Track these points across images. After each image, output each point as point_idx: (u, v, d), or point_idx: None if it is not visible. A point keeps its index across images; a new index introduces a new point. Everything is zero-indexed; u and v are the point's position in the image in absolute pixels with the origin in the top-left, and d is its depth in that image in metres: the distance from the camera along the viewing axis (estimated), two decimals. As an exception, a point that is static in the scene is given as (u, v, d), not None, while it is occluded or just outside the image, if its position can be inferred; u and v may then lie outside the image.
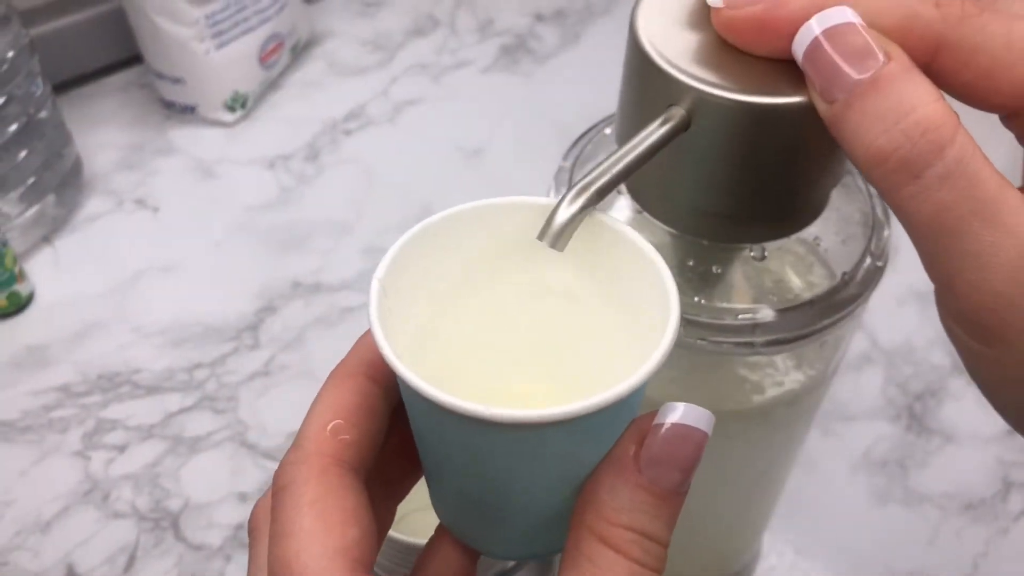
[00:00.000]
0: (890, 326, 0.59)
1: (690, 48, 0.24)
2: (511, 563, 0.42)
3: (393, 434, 0.25)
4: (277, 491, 0.22)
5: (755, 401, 0.34)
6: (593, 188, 0.23)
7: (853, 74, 0.20)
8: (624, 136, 0.27)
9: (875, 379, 0.57)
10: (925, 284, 0.22)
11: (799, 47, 0.21)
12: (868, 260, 0.31)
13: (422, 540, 0.28)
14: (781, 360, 0.34)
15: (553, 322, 0.26)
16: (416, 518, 0.44)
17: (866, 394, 0.56)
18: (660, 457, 0.21)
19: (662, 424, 0.21)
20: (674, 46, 0.24)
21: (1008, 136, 0.23)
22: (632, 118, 0.26)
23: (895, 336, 0.58)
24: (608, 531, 0.21)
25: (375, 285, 0.23)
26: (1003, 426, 0.56)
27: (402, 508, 0.30)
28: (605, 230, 0.24)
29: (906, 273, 0.62)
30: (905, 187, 0.20)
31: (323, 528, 0.21)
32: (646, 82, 0.25)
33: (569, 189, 0.23)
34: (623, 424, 0.22)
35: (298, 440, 0.23)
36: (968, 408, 0.55)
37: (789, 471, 0.42)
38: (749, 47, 0.23)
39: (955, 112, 0.20)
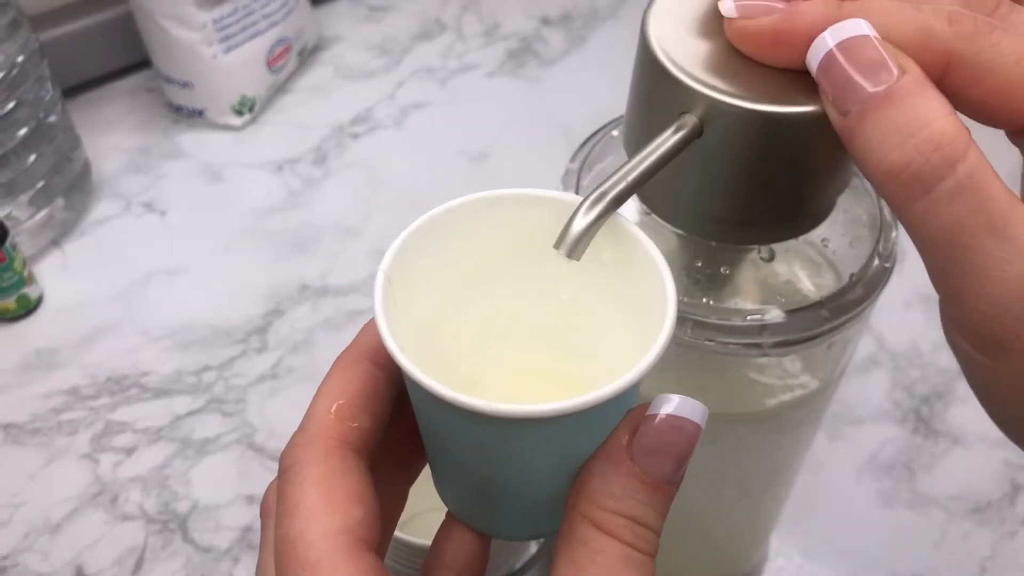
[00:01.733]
0: (897, 329, 0.59)
1: (702, 55, 0.24)
2: (518, 565, 0.42)
3: (401, 417, 0.25)
4: (283, 471, 0.23)
5: (763, 403, 0.34)
6: (609, 197, 0.23)
7: (867, 87, 0.20)
8: (634, 142, 0.27)
9: (882, 382, 0.57)
10: (932, 287, 0.22)
11: (813, 59, 0.22)
12: (876, 261, 0.31)
13: (428, 541, 0.28)
14: (789, 362, 0.34)
15: (557, 313, 0.26)
16: (424, 519, 0.44)
17: (873, 397, 0.56)
18: (652, 447, 0.22)
19: (655, 415, 0.22)
20: (686, 53, 0.24)
21: (1011, 150, 0.23)
22: (643, 124, 0.26)
23: (902, 339, 0.58)
24: (600, 516, 0.22)
25: (380, 276, 0.23)
26: (1010, 429, 0.56)
27: (410, 510, 0.30)
28: (612, 226, 0.24)
29: (913, 276, 0.62)
30: (916, 201, 0.20)
31: (327, 507, 0.21)
32: (658, 89, 0.25)
33: (586, 199, 0.23)
34: (618, 417, 0.22)
35: (304, 422, 0.23)
36: (975, 411, 0.55)
37: (796, 473, 0.42)
38: (763, 58, 0.23)
39: (967, 127, 0.20)
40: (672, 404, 0.22)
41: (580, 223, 0.23)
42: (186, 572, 0.49)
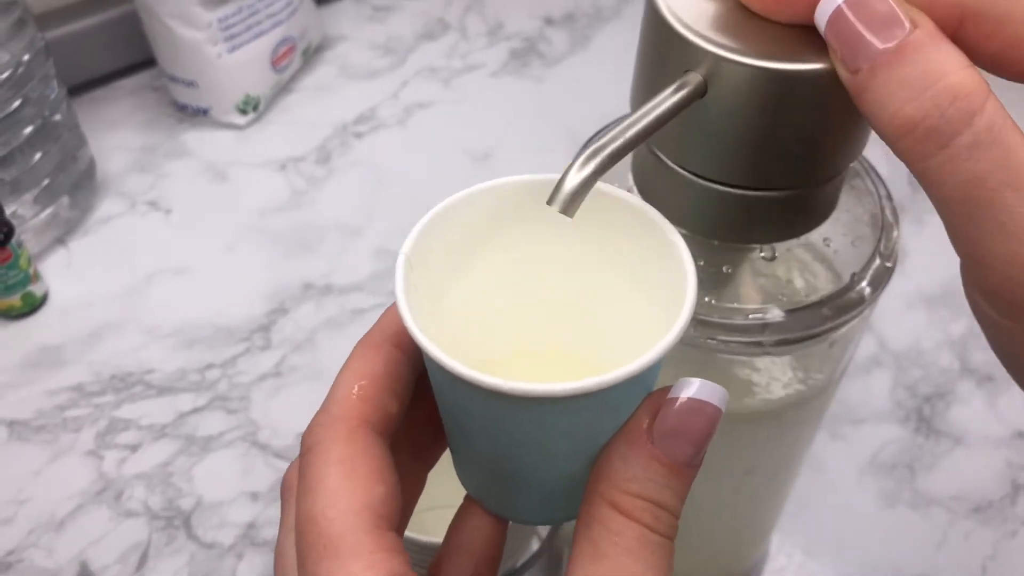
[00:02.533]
0: (899, 329, 0.59)
1: (708, 13, 0.24)
2: (520, 562, 0.42)
3: (422, 401, 0.25)
4: (305, 451, 0.23)
5: (764, 402, 0.34)
6: (604, 153, 0.23)
7: (877, 43, 0.20)
8: (639, 101, 0.26)
9: (884, 382, 0.57)
10: (934, 287, 0.22)
11: (821, 16, 0.21)
12: (877, 261, 0.31)
13: (438, 539, 0.28)
14: (790, 361, 0.35)
15: (578, 298, 0.26)
16: (430, 517, 0.44)
17: (875, 397, 0.56)
18: (673, 430, 0.21)
19: (676, 398, 0.22)
20: (692, 10, 0.24)
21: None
22: (648, 84, 0.26)
23: (904, 339, 0.59)
24: (620, 498, 0.21)
25: (401, 259, 0.23)
26: (1012, 429, 0.56)
27: (420, 504, 0.30)
28: (628, 208, 0.24)
29: (915, 276, 0.62)
30: (933, 157, 0.19)
31: (349, 485, 0.22)
32: (663, 46, 0.24)
33: (580, 154, 0.23)
34: (638, 399, 0.22)
35: (326, 404, 0.24)
36: (977, 411, 0.55)
37: (798, 472, 0.42)
38: (770, 14, 0.23)
39: (985, 80, 0.20)
40: (693, 387, 0.22)
41: (574, 179, 0.22)
42: (190, 568, 0.49)
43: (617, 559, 0.21)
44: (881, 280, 0.31)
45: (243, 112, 0.72)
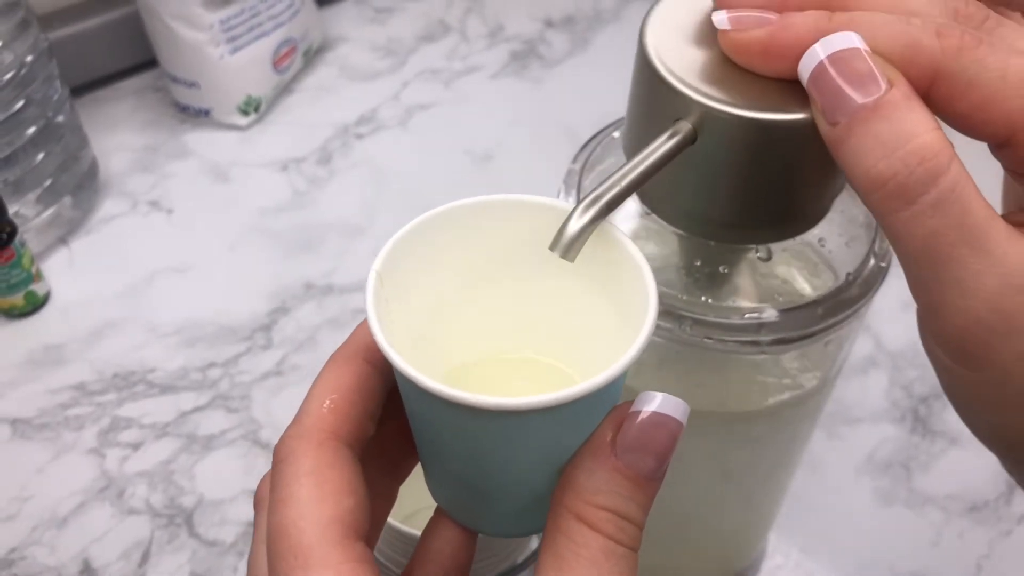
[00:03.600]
0: (895, 329, 0.59)
1: (698, 63, 0.25)
2: (520, 559, 0.42)
3: (393, 416, 0.26)
4: (277, 463, 0.23)
5: (760, 401, 0.35)
6: (603, 201, 0.24)
7: (856, 98, 0.21)
8: (632, 147, 0.27)
9: (880, 382, 0.57)
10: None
11: (804, 70, 0.22)
12: (872, 261, 0.31)
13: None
14: (786, 360, 0.35)
15: (548, 312, 0.27)
16: (427, 514, 0.44)
17: (871, 396, 0.57)
18: (636, 443, 0.22)
19: (639, 412, 0.22)
20: (682, 61, 0.25)
21: (993, 163, 0.24)
22: (640, 130, 0.27)
23: (900, 339, 0.59)
24: (584, 510, 0.22)
25: (372, 275, 0.24)
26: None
27: (414, 504, 0.30)
28: (600, 230, 0.25)
29: (912, 277, 0.62)
30: (899, 212, 0.21)
31: (319, 497, 0.22)
32: (654, 96, 0.25)
33: (579, 202, 0.24)
34: (602, 412, 0.23)
35: (298, 417, 0.24)
36: (972, 411, 0.56)
37: (794, 471, 0.43)
38: (755, 68, 0.24)
39: (950, 141, 0.21)
40: (655, 401, 0.22)
41: (575, 226, 0.24)
42: (191, 566, 0.50)
43: (581, 570, 0.22)
44: (875, 280, 0.31)
45: (245, 113, 0.73)
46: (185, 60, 0.70)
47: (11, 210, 0.59)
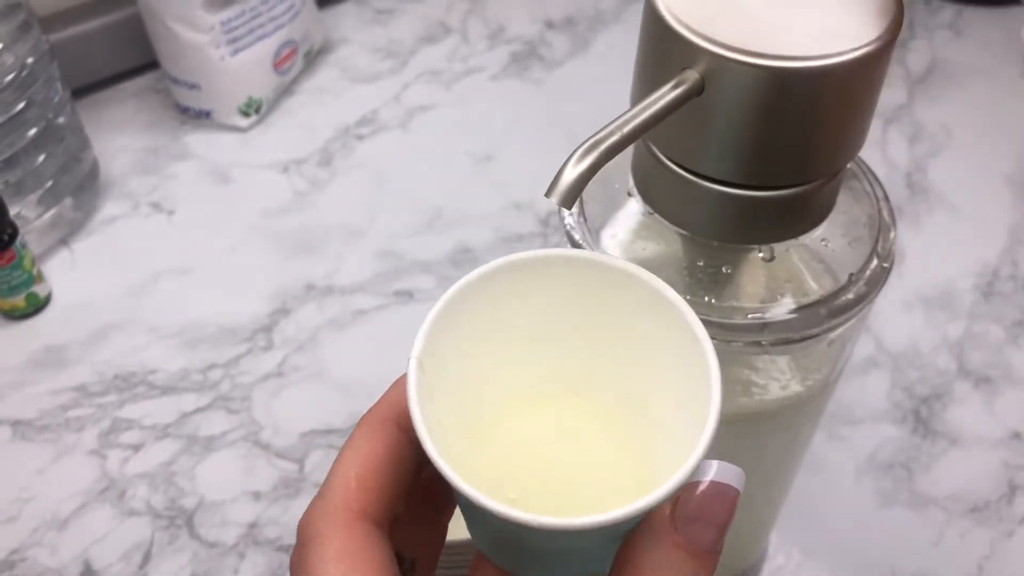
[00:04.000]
0: (896, 330, 0.59)
1: (705, 11, 0.24)
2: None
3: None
4: (303, 544, 0.23)
5: (762, 402, 0.35)
6: (602, 147, 0.23)
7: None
8: (638, 99, 0.27)
9: (881, 383, 0.57)
10: (931, 289, 0.23)
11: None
12: (875, 262, 0.31)
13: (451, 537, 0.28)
14: (788, 361, 0.35)
15: (603, 377, 0.26)
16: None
17: (872, 397, 0.57)
18: (696, 515, 0.21)
19: (697, 483, 0.22)
20: (689, 9, 0.24)
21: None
22: (646, 81, 0.26)
23: (901, 340, 0.59)
24: None
25: (412, 364, 0.22)
26: (1008, 430, 0.57)
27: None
28: (650, 292, 0.23)
29: (912, 277, 0.62)
30: None
31: None
32: (660, 44, 0.25)
33: (578, 147, 0.23)
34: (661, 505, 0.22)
35: (323, 491, 0.23)
36: (974, 412, 0.56)
37: (795, 472, 0.43)
38: None
39: None
40: (712, 470, 0.22)
41: (571, 172, 0.23)
42: (192, 567, 0.50)
43: None
44: (878, 280, 0.31)
45: (245, 114, 0.73)
46: (186, 62, 0.70)
47: (12, 211, 0.59)
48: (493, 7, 0.86)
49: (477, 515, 0.23)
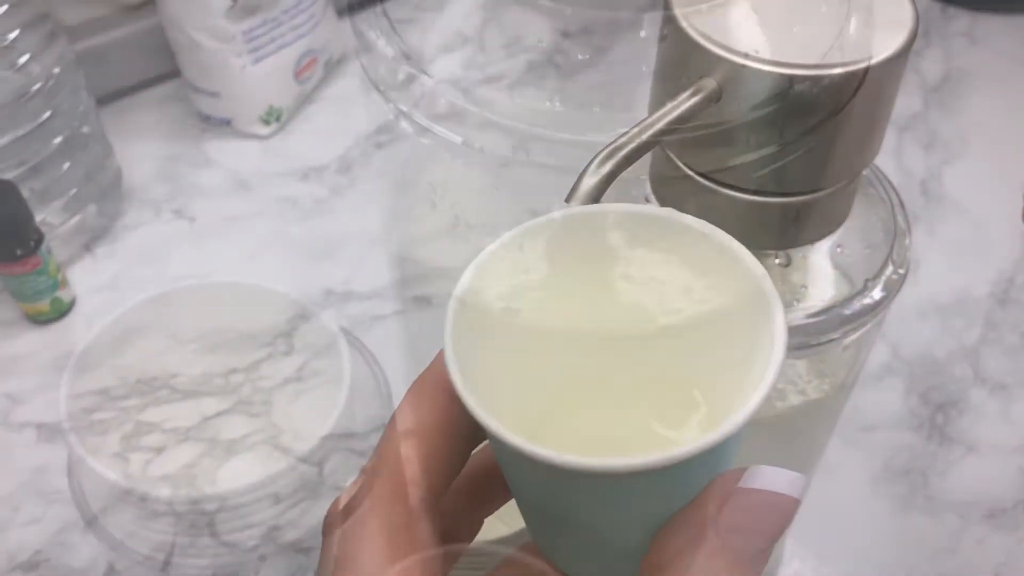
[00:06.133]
0: (912, 337, 0.59)
1: (723, 21, 0.25)
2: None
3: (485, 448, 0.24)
4: (345, 514, 0.22)
5: (777, 408, 0.35)
6: (621, 153, 0.23)
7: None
8: (656, 106, 0.27)
9: (897, 389, 0.57)
10: (946, 296, 0.23)
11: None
12: (890, 268, 0.32)
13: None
14: (803, 367, 0.35)
15: (648, 333, 0.24)
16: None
17: (888, 404, 0.57)
18: (743, 525, 0.19)
19: (748, 490, 0.19)
20: (707, 19, 0.25)
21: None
22: (665, 89, 0.27)
23: (917, 347, 0.59)
24: None
25: (452, 304, 0.21)
26: (1024, 435, 0.56)
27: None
28: (710, 242, 0.22)
29: (928, 284, 0.62)
30: None
31: (387, 560, 0.20)
32: (679, 53, 0.25)
33: (596, 155, 0.24)
34: (708, 474, 0.20)
35: (371, 462, 0.22)
36: (990, 419, 0.56)
37: (811, 478, 0.43)
38: None
39: None
40: (767, 477, 0.19)
41: (590, 180, 0.23)
42: (214, 569, 0.50)
43: None
44: (894, 286, 0.31)
45: (266, 123, 0.73)
46: (208, 70, 0.71)
47: (38, 218, 0.60)
48: (509, 17, 0.86)
49: (519, 474, 0.22)
